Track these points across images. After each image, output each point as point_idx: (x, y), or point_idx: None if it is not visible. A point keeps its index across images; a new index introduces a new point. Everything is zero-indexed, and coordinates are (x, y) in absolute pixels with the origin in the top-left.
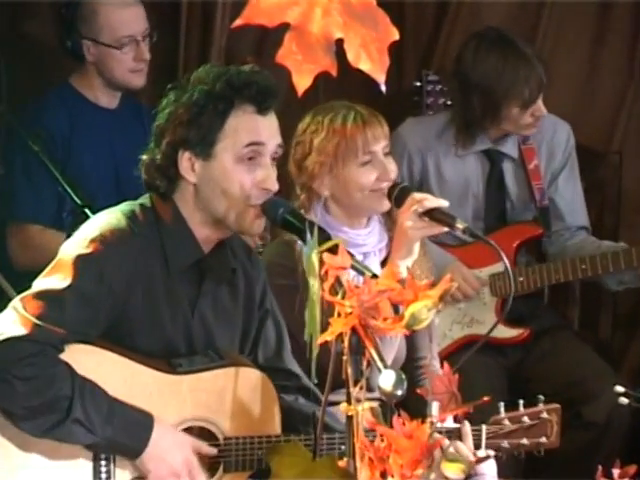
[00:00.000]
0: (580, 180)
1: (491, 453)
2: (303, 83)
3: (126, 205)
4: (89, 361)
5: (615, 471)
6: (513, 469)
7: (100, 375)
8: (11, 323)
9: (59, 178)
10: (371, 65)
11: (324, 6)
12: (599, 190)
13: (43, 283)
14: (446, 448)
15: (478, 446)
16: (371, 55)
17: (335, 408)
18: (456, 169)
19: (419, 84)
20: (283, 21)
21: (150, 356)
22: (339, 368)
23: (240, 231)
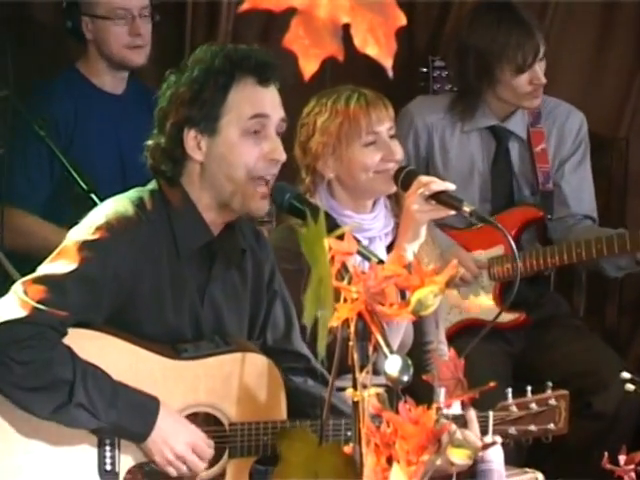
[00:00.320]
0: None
1: (498, 440)
2: (310, 68)
3: (134, 192)
4: (93, 346)
5: (621, 458)
6: (514, 458)
7: (105, 361)
8: (11, 307)
9: (65, 163)
10: (378, 50)
11: None
12: (606, 176)
13: (46, 268)
14: (452, 433)
15: (485, 432)
16: (378, 40)
17: (341, 394)
18: (461, 145)
19: (425, 70)
20: (290, 5)
21: (156, 342)
22: (345, 354)
23: (245, 211)
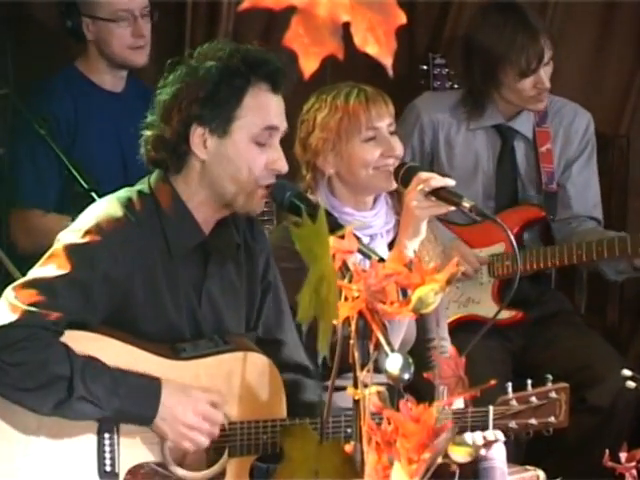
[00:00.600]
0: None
1: (500, 438)
2: (310, 66)
3: (124, 192)
4: (91, 348)
5: (622, 455)
6: (513, 455)
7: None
8: (2, 313)
9: (66, 162)
10: (378, 49)
11: None
12: (607, 174)
13: (36, 272)
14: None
15: (486, 427)
16: (378, 38)
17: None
18: (466, 143)
19: (426, 67)
20: (290, 4)
21: (155, 341)
22: (346, 352)
23: (245, 211)
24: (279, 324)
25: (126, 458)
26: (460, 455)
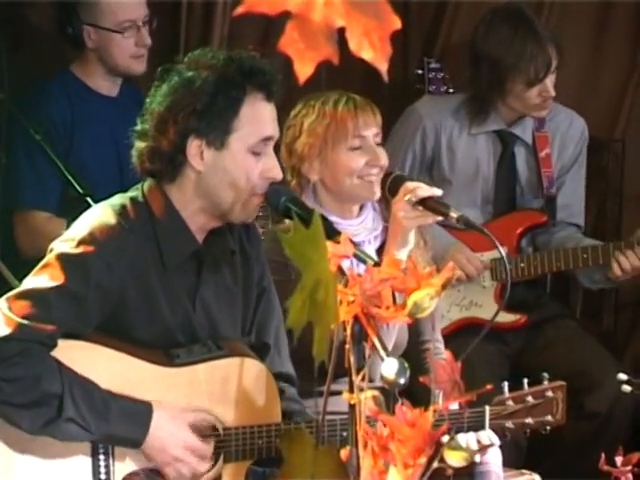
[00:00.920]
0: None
1: (495, 442)
2: (305, 71)
3: (117, 199)
4: (84, 357)
5: (618, 459)
6: (514, 459)
7: (95, 370)
8: None
9: (61, 167)
10: (373, 54)
11: None
12: (601, 178)
13: (29, 283)
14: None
15: (482, 427)
16: (373, 44)
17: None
18: (468, 148)
19: (421, 72)
20: (285, 9)
21: (148, 348)
22: (342, 357)
23: (240, 221)
24: (266, 329)
25: (121, 466)
26: (455, 459)
